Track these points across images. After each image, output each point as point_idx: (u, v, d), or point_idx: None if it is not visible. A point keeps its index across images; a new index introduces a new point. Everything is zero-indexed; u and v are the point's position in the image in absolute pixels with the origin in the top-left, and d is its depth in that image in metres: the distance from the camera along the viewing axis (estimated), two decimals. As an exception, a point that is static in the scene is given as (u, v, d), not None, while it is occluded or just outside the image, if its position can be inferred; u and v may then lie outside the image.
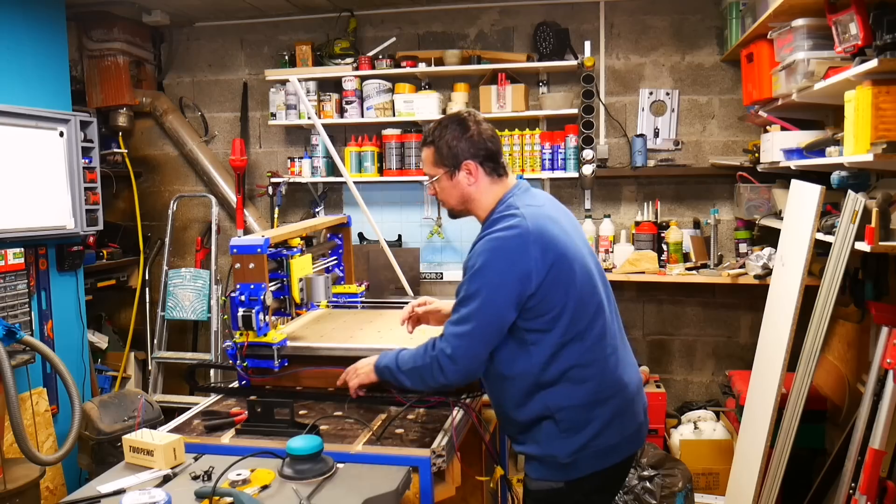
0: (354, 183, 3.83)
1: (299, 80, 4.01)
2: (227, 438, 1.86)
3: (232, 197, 4.52)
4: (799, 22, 2.71)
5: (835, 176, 2.62)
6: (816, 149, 2.75)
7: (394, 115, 4.18)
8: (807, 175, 2.97)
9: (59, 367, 2.62)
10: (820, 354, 2.65)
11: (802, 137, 2.97)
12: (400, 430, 1.86)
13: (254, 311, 2.03)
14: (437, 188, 1.96)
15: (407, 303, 2.89)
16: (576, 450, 1.83)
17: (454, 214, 2.02)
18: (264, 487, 1.55)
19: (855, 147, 2.24)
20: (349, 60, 4.23)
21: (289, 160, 4.43)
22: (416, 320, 2.23)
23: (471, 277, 1.79)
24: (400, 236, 4.42)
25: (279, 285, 2.25)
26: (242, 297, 2.05)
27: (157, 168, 4.84)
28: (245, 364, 2.14)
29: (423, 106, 4.11)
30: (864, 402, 2.36)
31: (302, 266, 2.33)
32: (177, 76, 4.79)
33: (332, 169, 4.33)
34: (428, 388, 1.91)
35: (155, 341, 4.44)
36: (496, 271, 1.76)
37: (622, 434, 1.90)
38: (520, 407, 1.86)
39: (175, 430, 1.93)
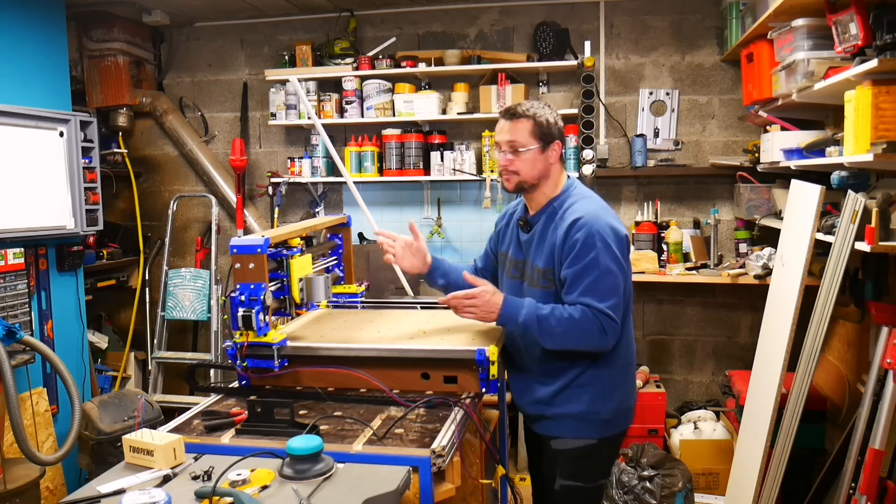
0: (354, 183, 3.82)
1: (299, 80, 4.00)
2: (227, 438, 1.85)
3: (232, 197, 4.52)
4: (799, 22, 2.71)
5: (835, 176, 2.62)
6: (816, 149, 2.75)
7: (394, 115, 4.18)
8: (807, 175, 2.97)
9: (59, 367, 2.62)
10: (820, 354, 2.66)
11: (802, 137, 2.97)
12: (400, 430, 1.86)
13: (254, 311, 2.03)
14: (519, 159, 2.11)
15: (407, 303, 2.91)
16: (615, 407, 2.11)
17: (522, 188, 2.16)
18: (264, 487, 1.54)
19: (855, 147, 2.24)
20: (349, 60, 4.23)
21: (289, 160, 4.43)
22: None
23: (600, 252, 1.99)
24: (400, 236, 4.42)
25: (279, 285, 2.25)
26: (242, 297, 2.04)
27: (157, 168, 4.84)
28: (245, 364, 2.14)
29: (423, 106, 4.11)
30: (864, 402, 2.36)
31: (302, 266, 2.33)
32: (177, 76, 4.79)
33: (332, 169, 4.33)
34: (567, 346, 2.04)
35: (155, 341, 4.44)
36: (616, 241, 2.02)
37: (634, 401, 2.23)
38: (578, 362, 2.09)
39: (175, 430, 1.92)
